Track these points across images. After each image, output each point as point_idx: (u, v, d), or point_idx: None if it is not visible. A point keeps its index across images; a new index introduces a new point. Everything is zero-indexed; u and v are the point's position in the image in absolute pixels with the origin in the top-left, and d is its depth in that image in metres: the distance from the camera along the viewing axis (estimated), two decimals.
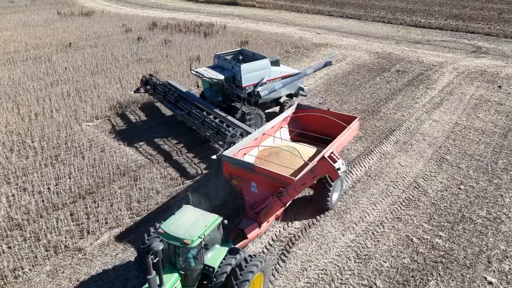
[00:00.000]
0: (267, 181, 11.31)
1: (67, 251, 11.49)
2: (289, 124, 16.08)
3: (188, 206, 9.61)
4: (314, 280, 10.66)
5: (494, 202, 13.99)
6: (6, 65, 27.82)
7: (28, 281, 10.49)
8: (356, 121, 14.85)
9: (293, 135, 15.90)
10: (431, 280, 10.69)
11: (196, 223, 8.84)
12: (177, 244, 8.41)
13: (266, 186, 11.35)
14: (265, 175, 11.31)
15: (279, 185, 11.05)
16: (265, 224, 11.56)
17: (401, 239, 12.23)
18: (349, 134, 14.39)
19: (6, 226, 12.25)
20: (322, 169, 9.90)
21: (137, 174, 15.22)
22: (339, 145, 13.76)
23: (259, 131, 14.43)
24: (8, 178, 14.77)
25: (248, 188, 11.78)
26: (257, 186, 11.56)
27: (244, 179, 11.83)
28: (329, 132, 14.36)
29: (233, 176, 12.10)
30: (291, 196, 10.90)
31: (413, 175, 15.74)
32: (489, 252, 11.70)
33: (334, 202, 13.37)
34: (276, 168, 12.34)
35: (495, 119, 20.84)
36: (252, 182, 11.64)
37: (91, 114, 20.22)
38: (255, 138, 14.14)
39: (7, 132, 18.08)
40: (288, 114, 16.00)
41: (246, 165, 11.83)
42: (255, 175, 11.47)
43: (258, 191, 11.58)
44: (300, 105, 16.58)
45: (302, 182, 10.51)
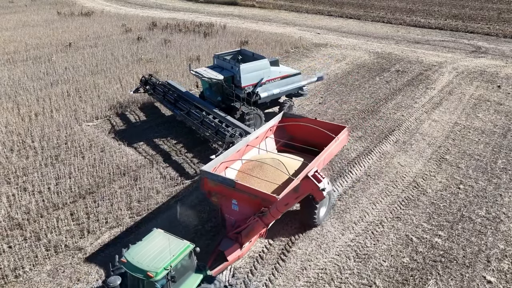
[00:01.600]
0: (248, 199, 10.49)
1: (67, 250, 11.52)
2: (275, 133, 15.22)
3: (158, 231, 8.86)
4: (314, 279, 10.69)
5: (493, 202, 14.02)
6: (6, 65, 27.84)
7: (28, 280, 10.52)
8: (345, 131, 14.07)
9: (279, 145, 15.13)
10: (430, 279, 10.72)
11: (163, 252, 8.07)
12: (140, 276, 7.68)
13: (248, 204, 10.54)
14: (247, 192, 10.47)
15: (261, 203, 10.26)
16: (247, 244, 10.75)
17: (400, 238, 12.26)
18: (337, 145, 13.63)
19: (6, 226, 12.28)
20: (306, 188, 9.17)
21: (137, 174, 15.25)
22: (327, 157, 13.04)
23: (243, 142, 13.56)
24: (9, 178, 14.80)
25: (228, 205, 10.94)
26: (238, 203, 10.75)
27: (225, 196, 10.98)
28: (317, 142, 13.62)
29: (213, 193, 11.24)
30: (274, 216, 9.99)
31: (413, 174, 15.77)
32: (488, 251, 11.74)
33: (321, 218, 12.56)
34: (259, 183, 11.70)
35: (495, 119, 20.88)
36: (233, 199, 10.79)
37: (91, 114, 20.24)
38: (238, 150, 13.21)
39: (7, 132, 18.10)
40: (274, 123, 15.11)
41: (226, 181, 10.90)
42: (235, 192, 10.64)
43: (239, 209, 10.76)
44: (287, 114, 15.74)
45: (284, 202, 9.68)
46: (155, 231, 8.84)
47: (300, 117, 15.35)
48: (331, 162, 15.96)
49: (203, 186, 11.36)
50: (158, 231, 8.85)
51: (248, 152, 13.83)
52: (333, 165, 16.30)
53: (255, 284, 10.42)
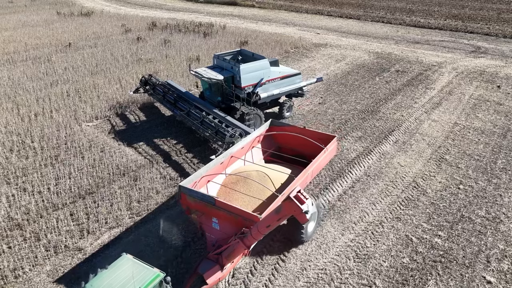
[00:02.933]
0: (230, 217, 9.84)
1: (67, 251, 11.51)
2: (263, 142, 14.56)
3: (127, 258, 8.20)
4: (314, 279, 10.69)
5: (493, 202, 14.03)
6: (5, 65, 27.82)
7: (28, 281, 10.52)
8: (334, 141, 13.38)
9: (267, 155, 14.51)
10: (430, 279, 10.72)
11: (129, 284, 7.40)
12: None
13: (229, 223, 9.91)
14: (228, 211, 9.83)
15: (243, 222, 9.65)
16: (229, 265, 10.04)
17: (400, 238, 12.26)
18: (326, 156, 12.96)
19: (6, 226, 12.27)
20: (288, 210, 8.50)
21: (137, 174, 15.24)
22: (315, 170, 12.44)
23: (226, 154, 12.79)
24: (8, 178, 14.78)
25: (209, 223, 10.29)
26: (219, 222, 10.09)
27: (205, 213, 10.32)
28: (306, 152, 13.12)
29: (192, 210, 10.54)
30: (255, 238, 9.29)
31: (412, 175, 15.77)
32: (488, 251, 11.74)
33: (310, 233, 11.92)
34: (243, 199, 11.15)
35: (494, 119, 20.88)
36: (213, 217, 10.16)
37: (90, 114, 20.23)
38: (221, 162, 12.42)
39: (6, 132, 18.09)
40: (261, 133, 14.40)
41: (205, 198, 10.18)
42: (216, 210, 9.98)
43: (220, 227, 10.10)
44: (274, 122, 14.89)
45: (266, 223, 8.96)
46: (123, 258, 8.16)
47: (289, 126, 14.61)
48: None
49: (181, 202, 10.72)
50: (127, 257, 8.18)
51: (233, 164, 13.06)
52: (333, 165, 16.30)
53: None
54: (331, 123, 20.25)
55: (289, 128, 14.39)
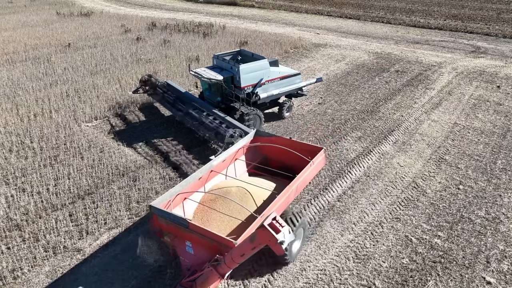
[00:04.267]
0: (204, 241, 9.06)
1: (66, 251, 11.49)
2: (247, 153, 13.83)
3: None
4: (313, 280, 10.67)
5: (493, 202, 14.01)
6: (5, 66, 27.80)
7: (27, 281, 10.49)
8: (321, 153, 12.53)
9: (251, 167, 13.73)
10: (430, 280, 10.70)
11: None
12: None
13: (204, 247, 9.13)
14: (202, 235, 9.06)
15: (218, 247, 8.88)
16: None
17: (400, 239, 12.24)
18: (312, 170, 12.16)
19: (5, 227, 12.25)
20: (262, 239, 7.76)
21: (136, 174, 15.22)
22: (300, 185, 11.68)
23: (205, 168, 11.86)
24: (7, 179, 14.76)
25: (183, 247, 9.51)
26: (193, 246, 9.31)
27: (178, 236, 9.56)
28: (293, 164, 12.41)
29: (165, 232, 9.75)
30: (230, 266, 8.56)
31: (412, 175, 15.76)
32: (488, 252, 11.72)
33: (294, 254, 11.19)
34: (222, 219, 10.41)
35: (494, 119, 20.87)
36: (187, 241, 9.39)
37: (90, 114, 20.21)
38: (200, 177, 11.58)
39: (6, 132, 18.06)
40: (245, 144, 13.70)
41: (178, 220, 9.34)
42: (189, 233, 9.19)
43: (194, 252, 9.34)
44: (260, 132, 14.17)
45: (240, 252, 8.24)
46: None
47: (274, 137, 13.87)
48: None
49: (152, 224, 9.92)
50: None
51: (213, 179, 12.26)
52: (332, 166, 16.28)
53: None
54: (331, 123, 20.23)
55: (275, 139, 13.62)
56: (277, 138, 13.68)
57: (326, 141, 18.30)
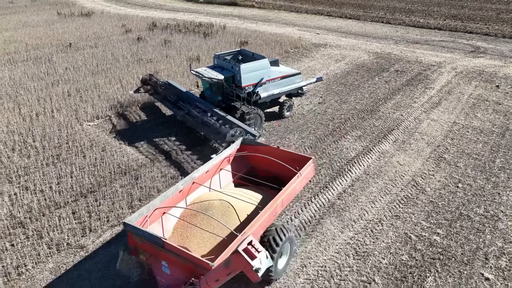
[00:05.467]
0: (180, 262, 8.61)
1: (69, 248, 11.62)
2: (233, 162, 13.34)
3: None
4: (314, 276, 10.80)
5: (491, 200, 14.14)
6: (6, 65, 27.93)
7: (31, 278, 10.63)
8: (309, 164, 12.00)
9: (236, 178, 13.25)
10: (429, 276, 10.84)
11: None
12: None
13: (180, 268, 8.70)
14: (177, 255, 8.59)
15: (194, 269, 8.39)
16: None
17: (399, 236, 12.38)
18: (300, 181, 11.59)
19: (8, 224, 12.38)
20: (237, 265, 7.32)
21: (138, 173, 15.35)
22: (286, 198, 11.04)
23: (187, 180, 11.35)
24: (10, 177, 14.89)
25: (159, 267, 9.09)
26: (169, 266, 8.90)
27: (154, 255, 9.12)
28: (281, 174, 11.89)
29: (140, 250, 9.32)
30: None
31: (412, 173, 15.89)
32: (486, 249, 11.86)
33: (280, 270, 10.53)
34: (202, 235, 9.87)
35: (493, 118, 21.00)
36: (163, 261, 8.96)
37: (91, 113, 20.34)
38: (180, 190, 11.04)
39: (8, 132, 18.20)
40: (230, 153, 13.21)
41: (153, 239, 8.82)
42: (165, 252, 8.76)
43: (171, 272, 8.91)
44: (246, 141, 13.74)
45: (215, 277, 7.83)
46: None
47: (261, 145, 13.28)
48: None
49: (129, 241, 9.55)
50: None
51: (196, 191, 11.72)
52: (333, 164, 16.42)
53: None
54: (331, 122, 20.37)
55: (262, 148, 13.11)
56: (264, 147, 13.17)
57: (326, 140, 18.44)
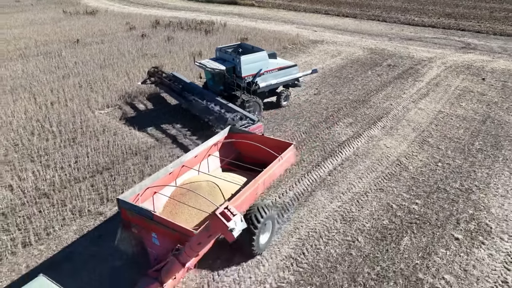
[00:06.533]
0: (168, 233, 9.51)
1: (90, 214, 13.16)
2: (222, 149, 14.32)
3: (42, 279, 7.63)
4: (305, 236, 12.34)
5: (467, 176, 15.68)
6: (19, 60, 29.48)
7: (58, 237, 12.16)
8: (290, 149, 13.00)
9: (224, 163, 14.19)
10: (405, 236, 12.38)
11: None
12: None
13: (168, 238, 9.57)
14: (165, 226, 9.52)
15: (180, 237, 9.27)
16: (170, 281, 9.45)
17: (382, 205, 13.91)
18: (281, 165, 12.62)
19: (35, 195, 13.92)
20: (215, 228, 8.13)
21: (148, 153, 16.88)
22: (268, 179, 12.07)
23: (176, 163, 12.32)
24: (32, 157, 16.42)
25: (150, 239, 9.96)
26: (158, 237, 9.77)
27: (144, 228, 10.01)
28: (266, 159, 12.61)
29: (133, 224, 10.25)
30: (189, 256, 8.94)
31: (397, 154, 17.42)
32: (459, 215, 13.39)
33: (263, 246, 11.49)
34: (190, 212, 10.75)
35: (476, 107, 22.53)
36: (153, 233, 9.84)
37: (102, 103, 21.87)
38: (170, 172, 11.97)
39: (26, 118, 19.73)
40: (219, 139, 14.16)
41: (143, 212, 9.82)
42: (154, 225, 9.68)
43: (160, 243, 9.79)
44: (234, 129, 14.69)
45: (197, 241, 8.62)
46: (39, 279, 7.65)
47: (247, 133, 14.41)
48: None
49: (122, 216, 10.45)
50: (42, 279, 7.66)
51: (185, 174, 12.63)
52: (325, 147, 17.95)
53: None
54: (325, 111, 21.89)
55: (248, 136, 14.13)
56: (250, 135, 14.24)
57: (320, 126, 19.96)
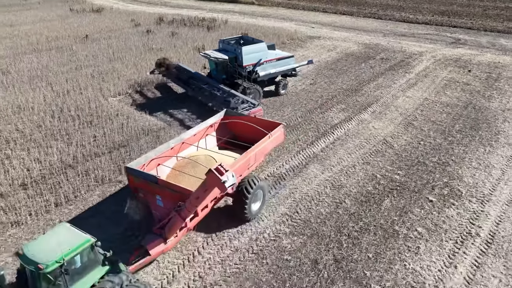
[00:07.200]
0: (170, 194, 10.81)
1: (110, 182, 14.99)
2: (218, 130, 15.72)
3: (64, 225, 9.01)
4: (299, 199, 14.18)
5: (445, 153, 17.51)
6: (33, 53, 31.30)
7: (85, 200, 14.01)
8: (279, 128, 14.41)
9: (221, 142, 15.56)
10: (386, 199, 14.21)
11: (61, 246, 8.16)
12: (32, 269, 7.88)
13: (171, 199, 10.84)
14: (168, 188, 10.87)
15: (181, 197, 10.53)
16: (173, 238, 10.88)
17: (368, 175, 15.74)
18: (271, 142, 14.02)
19: (61, 166, 15.77)
20: (211, 182, 9.43)
21: (158, 134, 18.70)
22: (259, 153, 13.41)
23: (177, 140, 13.92)
24: (55, 136, 18.24)
25: (154, 201, 11.35)
26: (163, 199, 11.13)
27: (149, 192, 11.36)
28: (257, 139, 13.75)
29: (139, 189, 11.67)
30: (189, 210, 10.22)
31: (384, 135, 19.24)
32: (434, 183, 15.22)
33: (254, 212, 12.94)
34: (189, 180, 11.86)
35: (460, 95, 24.36)
36: (157, 195, 11.21)
37: (114, 91, 23.70)
38: (172, 147, 13.59)
39: (46, 104, 21.55)
40: (215, 121, 15.63)
41: (149, 177, 11.22)
42: (158, 188, 11.05)
43: (164, 204, 11.13)
44: (229, 112, 16.18)
45: (196, 196, 9.94)
46: (61, 225, 9.04)
47: (241, 115, 15.91)
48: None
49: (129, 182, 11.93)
50: (64, 225, 9.02)
51: (185, 150, 14.14)
52: (319, 128, 19.77)
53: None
54: (320, 98, 23.72)
55: (242, 117, 15.57)
56: (244, 117, 15.73)
57: (314, 112, 21.79)
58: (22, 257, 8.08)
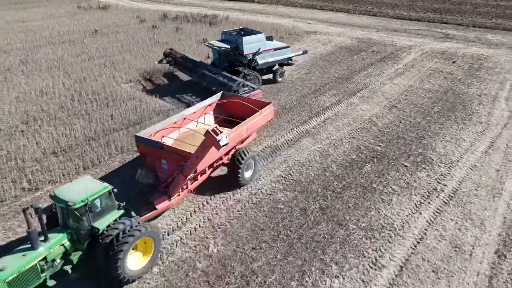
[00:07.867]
0: (174, 158, 12.53)
1: (128, 152, 17.27)
2: (215, 110, 17.52)
3: (88, 177, 10.96)
4: (292, 165, 16.45)
5: (422, 130, 19.78)
6: (48, 46, 33.57)
7: (108, 165, 16.29)
8: (269, 107, 16.25)
9: (218, 120, 17.21)
10: (367, 165, 16.48)
11: (85, 190, 9.83)
12: (62, 206, 9.66)
13: (174, 162, 12.55)
14: (172, 152, 12.68)
15: (183, 159, 12.21)
16: (176, 197, 12.79)
17: (353, 147, 18.02)
18: (261, 118, 15.81)
19: (85, 138, 18.05)
20: (208, 141, 11.05)
21: (168, 114, 20.93)
22: (250, 127, 15.18)
23: (179, 115, 15.90)
24: (77, 116, 20.52)
25: (160, 165, 13.08)
26: (167, 163, 12.86)
27: (156, 157, 13.12)
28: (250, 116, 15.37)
29: (146, 155, 13.56)
30: (190, 169, 12.00)
31: (370, 115, 21.51)
32: (410, 153, 17.50)
33: (247, 179, 14.85)
34: (189, 148, 13.14)
35: (442, 83, 26.62)
36: (163, 159, 12.93)
37: (126, 78, 25.98)
38: (175, 121, 15.52)
39: (65, 89, 23.83)
40: (213, 101, 17.51)
41: (155, 144, 13.10)
42: (164, 153, 12.84)
43: (168, 167, 12.88)
44: (225, 93, 18.05)
45: (195, 155, 11.68)
46: (85, 177, 11.01)
47: (236, 96, 17.94)
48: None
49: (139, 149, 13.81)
50: (88, 177, 11.11)
51: (186, 125, 15.92)
52: (312, 110, 22.04)
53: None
54: (314, 85, 25.99)
55: (236, 97, 17.63)
56: (239, 97, 17.80)
57: (308, 96, 24.05)
58: (54, 198, 9.84)
